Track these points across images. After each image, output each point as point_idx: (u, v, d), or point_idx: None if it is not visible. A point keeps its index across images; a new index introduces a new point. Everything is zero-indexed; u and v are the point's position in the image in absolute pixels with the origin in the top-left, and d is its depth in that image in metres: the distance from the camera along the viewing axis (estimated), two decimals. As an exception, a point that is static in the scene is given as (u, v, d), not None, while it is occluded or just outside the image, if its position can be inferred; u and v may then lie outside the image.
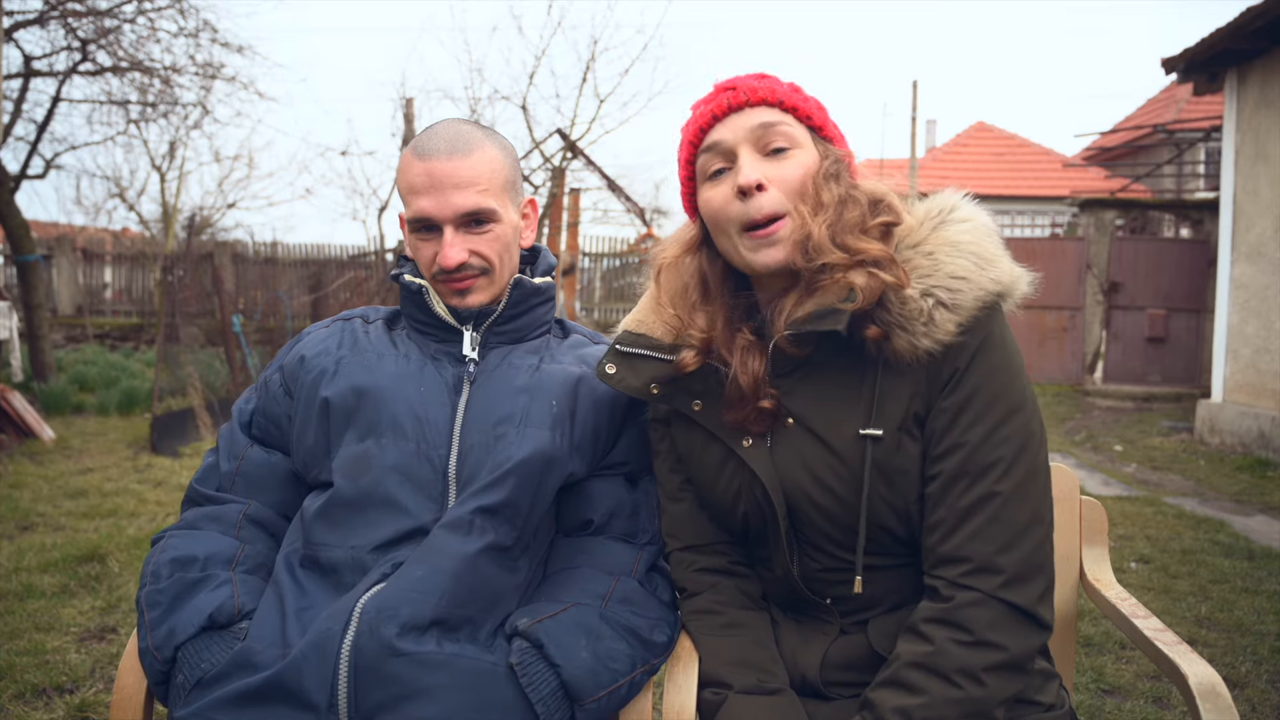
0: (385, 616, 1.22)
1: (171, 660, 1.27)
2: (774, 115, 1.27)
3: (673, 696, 1.29)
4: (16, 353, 9.38)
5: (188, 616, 1.29)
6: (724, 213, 1.27)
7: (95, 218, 20.29)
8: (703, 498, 1.39)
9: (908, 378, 1.23)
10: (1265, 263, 7.66)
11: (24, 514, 4.74)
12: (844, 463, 1.25)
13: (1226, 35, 7.53)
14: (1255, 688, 2.89)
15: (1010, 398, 1.21)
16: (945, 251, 1.22)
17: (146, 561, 1.39)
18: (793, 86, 1.31)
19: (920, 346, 1.20)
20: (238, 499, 1.48)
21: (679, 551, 1.42)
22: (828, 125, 1.32)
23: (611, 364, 1.36)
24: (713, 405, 1.32)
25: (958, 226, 1.25)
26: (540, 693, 1.22)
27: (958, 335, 1.19)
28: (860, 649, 1.29)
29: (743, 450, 1.29)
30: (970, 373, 1.21)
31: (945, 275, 1.21)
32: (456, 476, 1.38)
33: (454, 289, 1.47)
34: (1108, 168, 19.08)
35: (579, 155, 11.98)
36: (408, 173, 1.44)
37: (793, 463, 1.28)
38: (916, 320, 1.19)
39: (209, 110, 11.78)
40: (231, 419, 1.56)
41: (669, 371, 1.33)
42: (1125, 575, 4.08)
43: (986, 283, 1.21)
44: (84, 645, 3.06)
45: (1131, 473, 7.04)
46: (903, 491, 1.24)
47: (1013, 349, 1.25)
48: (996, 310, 1.23)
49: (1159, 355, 11.86)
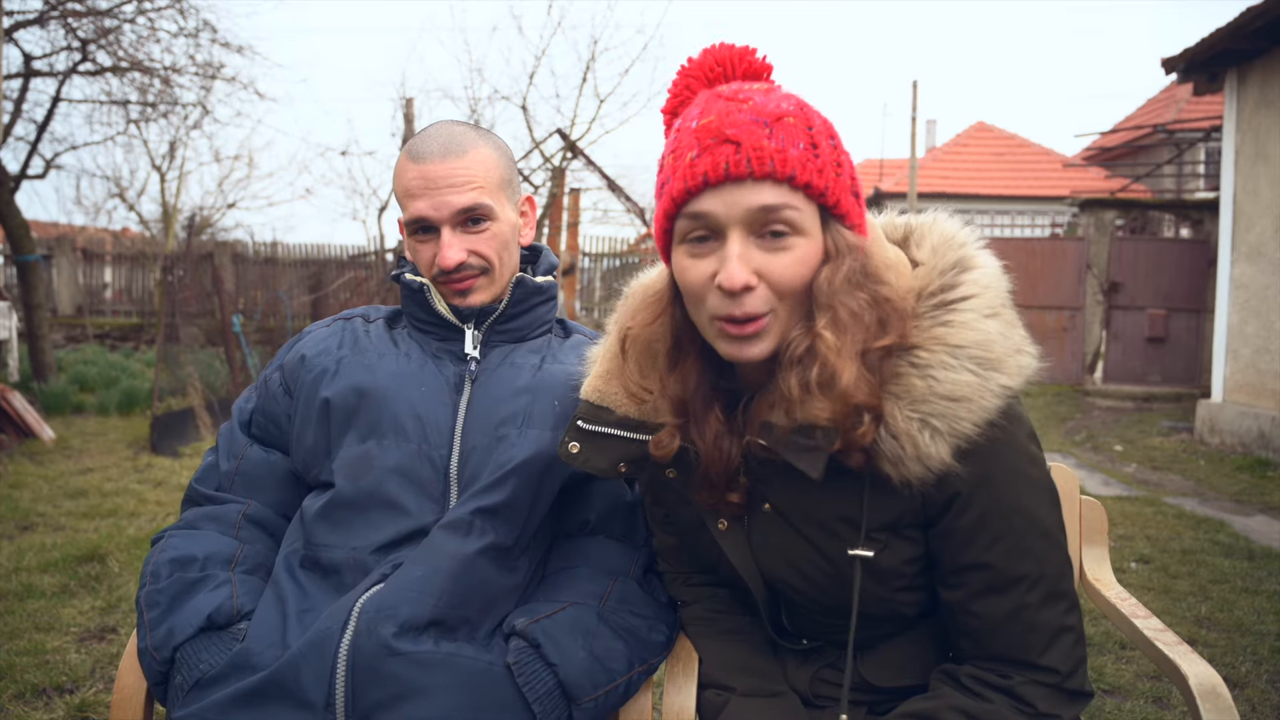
0: (384, 616, 1.22)
1: (170, 661, 1.27)
2: (780, 196, 1.01)
3: (673, 696, 1.29)
4: (15, 353, 9.38)
5: (186, 617, 1.29)
6: (699, 294, 1.07)
7: (95, 218, 20.31)
8: (685, 544, 1.35)
9: (897, 495, 1.09)
10: (1265, 263, 7.66)
11: (24, 514, 4.74)
12: (829, 562, 1.15)
13: (1226, 35, 7.53)
14: (1255, 688, 2.89)
15: (1030, 502, 1.10)
16: (942, 363, 1.04)
17: (146, 561, 1.40)
18: (808, 142, 1.03)
19: (910, 475, 1.05)
20: (237, 499, 1.48)
21: (670, 571, 1.41)
22: (844, 197, 1.05)
23: (574, 442, 1.23)
24: (686, 475, 1.20)
25: (962, 316, 1.07)
26: (537, 692, 1.22)
27: (953, 460, 1.04)
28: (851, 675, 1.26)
29: (717, 533, 1.21)
30: (976, 496, 1.08)
31: (940, 398, 1.03)
32: (458, 477, 1.38)
33: (455, 289, 1.47)
34: (1108, 168, 19.08)
35: (579, 155, 11.98)
36: (403, 176, 1.44)
37: (771, 550, 1.19)
38: (904, 453, 1.04)
39: (209, 110, 11.80)
40: (231, 418, 1.56)
41: (637, 452, 1.20)
42: (1125, 575, 4.08)
43: (989, 397, 1.04)
44: (84, 645, 3.06)
45: (1131, 473, 7.04)
46: (893, 585, 1.16)
47: (1020, 449, 1.09)
48: (1001, 422, 1.07)
49: (1159, 355, 11.86)
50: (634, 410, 1.20)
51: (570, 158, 12.02)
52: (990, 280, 1.11)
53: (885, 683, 1.23)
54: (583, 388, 1.26)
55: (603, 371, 1.25)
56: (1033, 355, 1.10)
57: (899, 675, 1.23)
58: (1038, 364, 1.10)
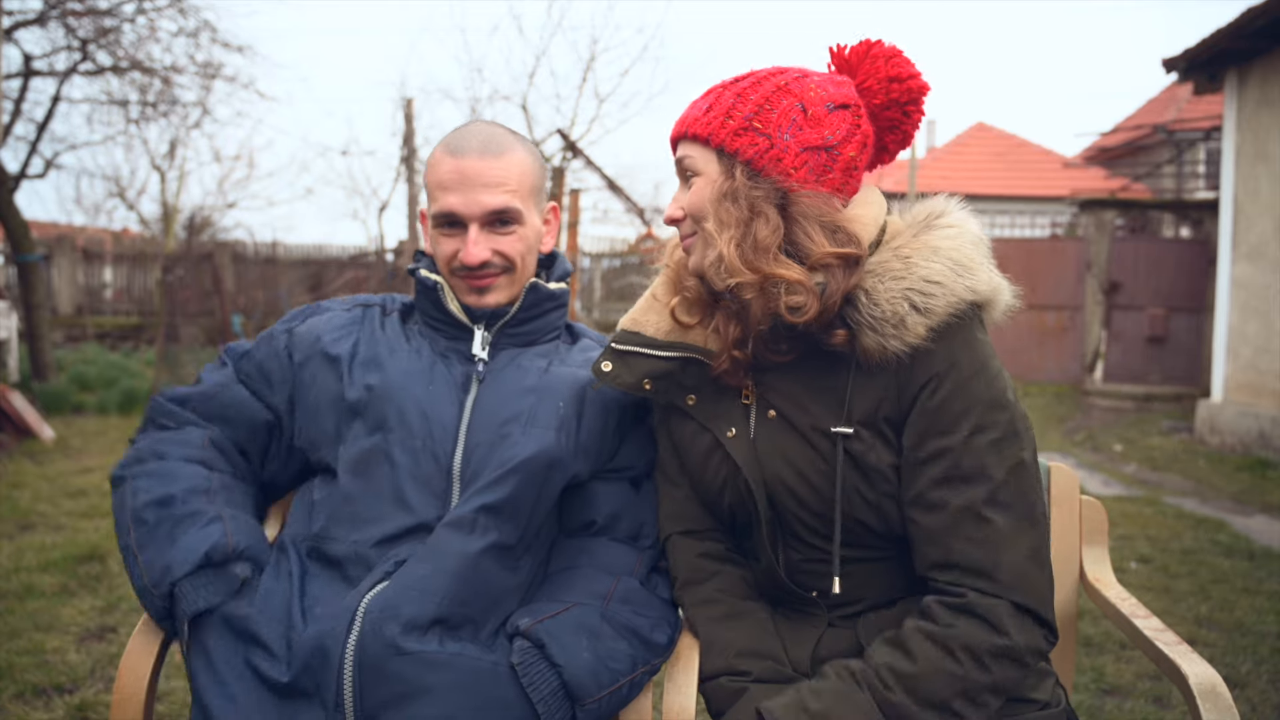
0: (388, 615, 1.22)
1: (169, 595, 1.29)
2: (684, 150, 1.31)
3: (673, 697, 1.29)
4: (15, 353, 9.38)
5: (182, 553, 1.31)
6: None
7: (95, 218, 20.34)
8: (694, 487, 1.42)
9: (878, 379, 1.25)
10: (1265, 262, 7.66)
11: (24, 514, 4.74)
12: (820, 456, 1.28)
13: (1227, 35, 7.53)
14: (1255, 688, 2.89)
15: (990, 399, 1.22)
16: (922, 255, 1.24)
17: (119, 507, 1.39)
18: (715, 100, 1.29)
19: (889, 348, 1.21)
20: (200, 422, 1.49)
21: (677, 536, 1.43)
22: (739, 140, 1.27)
23: (608, 361, 1.38)
24: (705, 399, 1.36)
25: (941, 232, 1.26)
26: (541, 692, 1.22)
27: (928, 340, 1.21)
28: (849, 644, 1.30)
29: (726, 440, 1.32)
30: (946, 379, 1.22)
31: (918, 278, 1.22)
32: (461, 474, 1.39)
33: (474, 286, 1.47)
34: (1108, 168, 19.07)
35: (579, 155, 11.99)
36: (438, 169, 1.45)
37: (773, 454, 1.31)
38: (886, 322, 1.21)
39: (209, 110, 11.81)
40: (223, 356, 1.57)
41: (662, 369, 1.35)
42: (1125, 575, 4.08)
43: (961, 290, 1.22)
44: (84, 645, 3.06)
45: (1131, 473, 7.04)
46: (878, 487, 1.26)
47: (989, 355, 1.25)
48: (972, 319, 1.24)
49: (1159, 355, 11.85)
50: (662, 335, 1.37)
51: (570, 158, 12.03)
52: (969, 227, 1.29)
53: (856, 596, 1.32)
54: (620, 321, 1.44)
55: (643, 306, 1.43)
56: (1008, 285, 1.27)
57: (869, 591, 1.32)
58: (1013, 293, 1.27)
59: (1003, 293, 1.26)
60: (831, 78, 1.33)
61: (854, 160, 1.29)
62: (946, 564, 1.21)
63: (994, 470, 1.21)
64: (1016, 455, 1.22)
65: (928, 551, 1.24)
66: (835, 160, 1.27)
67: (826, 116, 1.27)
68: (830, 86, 1.30)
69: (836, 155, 1.27)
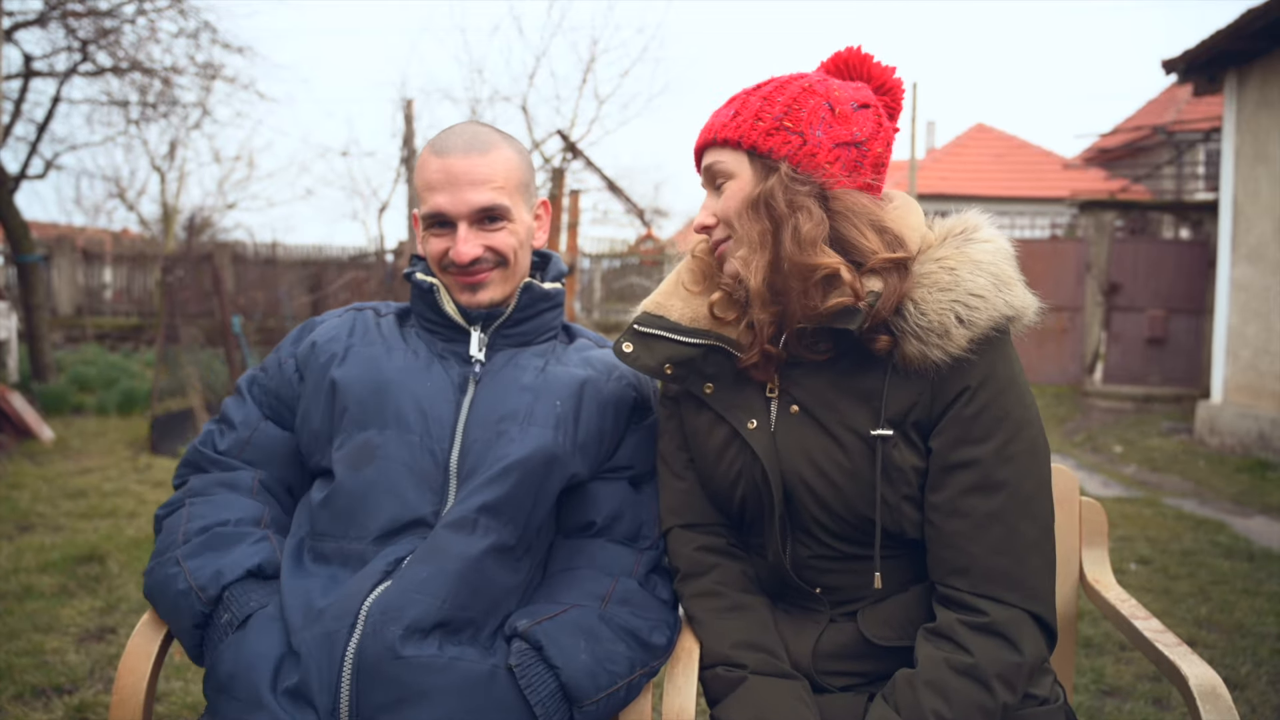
0: (390, 618, 1.22)
1: (216, 599, 1.31)
2: (713, 156, 1.33)
3: (672, 698, 1.29)
4: (15, 353, 9.38)
5: (234, 561, 1.34)
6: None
7: (95, 218, 20.34)
8: (703, 480, 1.42)
9: (912, 383, 1.27)
10: (1265, 264, 7.66)
11: (23, 514, 4.74)
12: (847, 455, 1.29)
13: (1226, 36, 7.53)
14: (1255, 689, 2.89)
15: (1021, 413, 1.26)
16: (967, 268, 1.26)
17: (171, 529, 1.40)
18: (741, 105, 1.31)
19: (931, 357, 1.24)
20: (246, 466, 1.51)
21: (679, 529, 1.43)
22: (771, 139, 1.28)
23: (629, 343, 1.39)
24: (723, 388, 1.36)
25: (981, 246, 1.28)
26: (539, 694, 1.22)
27: (968, 351, 1.23)
28: (851, 638, 1.32)
29: (746, 431, 1.33)
30: (982, 390, 1.25)
31: (965, 291, 1.24)
32: (458, 470, 1.39)
33: (467, 283, 1.48)
34: (1108, 169, 19.08)
35: (579, 156, 11.99)
36: (425, 170, 1.46)
37: (794, 449, 1.31)
38: (932, 332, 1.23)
39: (209, 111, 11.82)
40: (238, 392, 1.58)
41: (683, 354, 1.36)
42: (1125, 576, 4.08)
43: (1001, 305, 1.25)
44: (83, 646, 3.05)
45: (1131, 474, 7.04)
46: (899, 489, 1.28)
47: (1019, 369, 1.30)
48: (1006, 332, 1.28)
49: (1159, 356, 11.85)
50: (686, 320, 1.38)
51: (570, 158, 12.03)
52: (1002, 243, 1.31)
53: (885, 641, 1.31)
54: (642, 303, 1.44)
55: (666, 290, 1.43)
56: (1035, 301, 1.29)
57: (900, 635, 1.30)
58: (1037, 308, 1.29)
59: (1031, 309, 1.29)
60: (847, 81, 1.36)
61: (881, 157, 1.32)
62: (966, 570, 1.24)
63: (1022, 482, 1.24)
64: (1041, 469, 1.27)
65: (946, 556, 1.26)
66: (865, 156, 1.30)
67: (853, 114, 1.30)
68: (849, 88, 1.33)
69: (866, 152, 1.30)
